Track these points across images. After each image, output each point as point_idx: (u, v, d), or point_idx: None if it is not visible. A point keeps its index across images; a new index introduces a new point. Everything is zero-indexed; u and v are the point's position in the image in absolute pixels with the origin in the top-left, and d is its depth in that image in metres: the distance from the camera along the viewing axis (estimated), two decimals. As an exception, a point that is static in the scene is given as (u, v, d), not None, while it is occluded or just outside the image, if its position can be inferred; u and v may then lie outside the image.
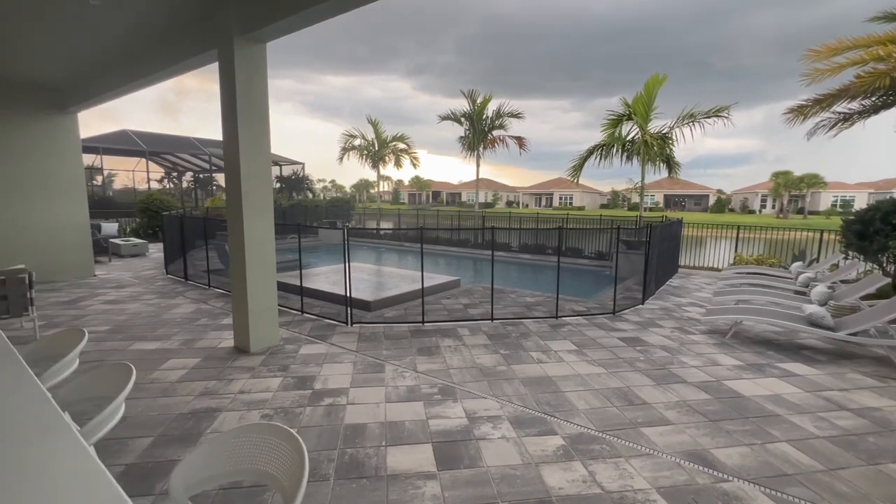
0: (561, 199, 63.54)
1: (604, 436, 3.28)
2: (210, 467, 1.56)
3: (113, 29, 5.55)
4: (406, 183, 75.08)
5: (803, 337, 5.75)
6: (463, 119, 17.44)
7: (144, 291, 8.08)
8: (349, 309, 6.09)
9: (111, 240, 13.27)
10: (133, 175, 24.73)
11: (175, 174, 29.26)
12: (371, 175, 22.77)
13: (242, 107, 4.67)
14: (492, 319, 6.26)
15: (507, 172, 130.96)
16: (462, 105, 17.35)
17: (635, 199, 59.54)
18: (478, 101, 16.77)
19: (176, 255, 9.64)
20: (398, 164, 22.18)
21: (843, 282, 7.67)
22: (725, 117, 11.30)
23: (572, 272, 13.06)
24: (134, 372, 2.08)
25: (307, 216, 20.28)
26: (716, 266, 11.50)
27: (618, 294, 7.19)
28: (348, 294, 6.10)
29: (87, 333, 2.66)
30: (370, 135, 21.49)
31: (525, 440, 3.21)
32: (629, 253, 9.81)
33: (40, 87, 8.39)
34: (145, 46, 6.08)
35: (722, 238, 11.98)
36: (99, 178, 25.57)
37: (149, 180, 22.95)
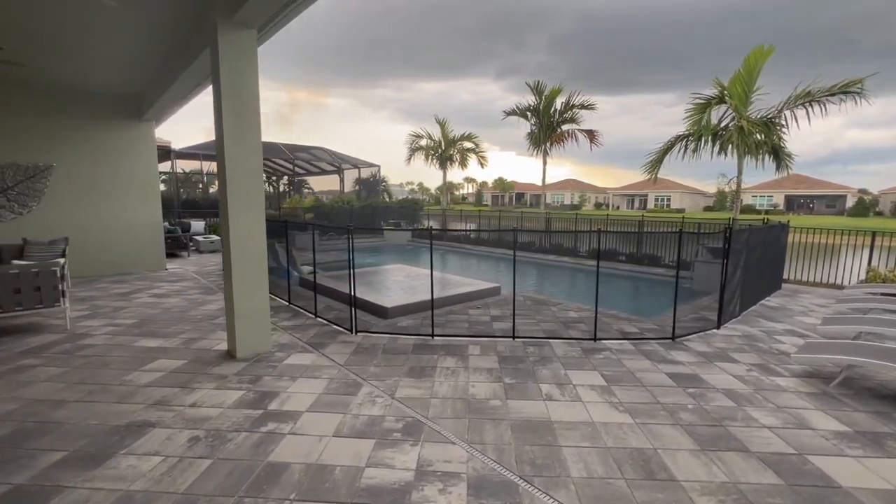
0: (657, 200, 57.62)
1: (590, 527, 2.29)
2: None
3: (135, 35, 5.70)
4: (490, 185, 74.48)
5: (963, 394, 3.96)
6: (529, 114, 16.24)
7: (193, 286, 8.45)
8: (353, 315, 5.60)
9: (194, 237, 14.56)
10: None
11: (275, 178, 31.84)
12: (440, 175, 22.32)
13: (227, 92, 4.40)
14: (513, 337, 5.32)
15: (600, 172, 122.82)
16: (531, 100, 16.13)
17: (748, 200, 51.95)
18: (545, 94, 15.48)
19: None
20: (463, 163, 21.54)
21: None
22: (857, 93, 8.75)
23: (648, 283, 11.35)
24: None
25: (377, 217, 20.61)
26: (838, 283, 9.07)
27: (688, 314, 5.78)
28: (352, 296, 5.64)
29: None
30: (437, 134, 21.19)
31: (474, 517, 2.36)
32: (713, 263, 8.04)
33: (120, 97, 9.26)
34: (165, 54, 6.24)
35: (854, 247, 9.42)
36: (216, 184, 28.74)
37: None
